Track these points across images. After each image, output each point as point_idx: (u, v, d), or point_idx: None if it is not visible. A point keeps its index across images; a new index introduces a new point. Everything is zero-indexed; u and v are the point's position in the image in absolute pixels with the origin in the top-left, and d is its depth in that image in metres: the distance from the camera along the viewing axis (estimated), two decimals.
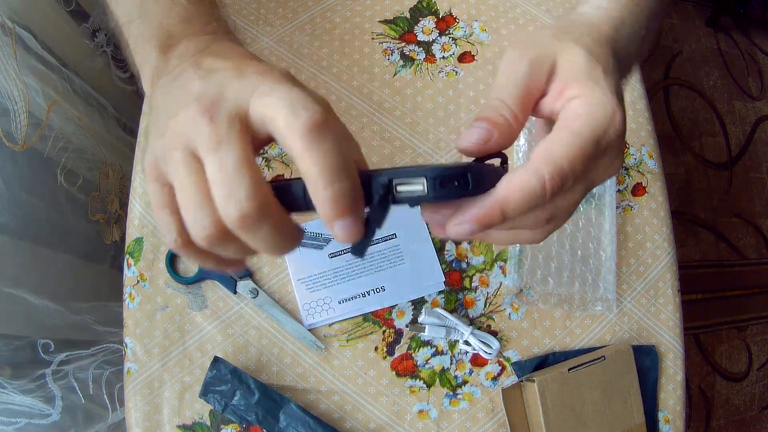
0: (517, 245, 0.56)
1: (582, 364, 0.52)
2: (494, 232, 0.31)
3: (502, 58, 0.31)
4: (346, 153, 0.25)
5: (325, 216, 0.25)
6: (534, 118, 0.33)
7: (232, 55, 0.30)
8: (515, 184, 0.26)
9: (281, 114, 0.25)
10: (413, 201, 0.26)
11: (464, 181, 0.26)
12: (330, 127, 0.25)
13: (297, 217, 0.28)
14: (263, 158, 0.57)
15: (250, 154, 0.25)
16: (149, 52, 0.33)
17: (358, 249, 0.27)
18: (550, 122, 0.33)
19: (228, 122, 0.25)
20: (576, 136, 0.27)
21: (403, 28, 0.63)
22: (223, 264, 0.30)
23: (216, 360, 0.50)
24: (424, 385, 0.54)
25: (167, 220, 0.27)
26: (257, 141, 0.27)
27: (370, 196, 0.27)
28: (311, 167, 0.25)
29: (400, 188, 0.26)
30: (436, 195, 0.26)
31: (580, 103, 0.28)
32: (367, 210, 0.27)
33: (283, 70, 0.29)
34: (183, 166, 0.26)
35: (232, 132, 0.25)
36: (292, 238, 0.27)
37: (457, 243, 0.57)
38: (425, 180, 0.26)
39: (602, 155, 0.28)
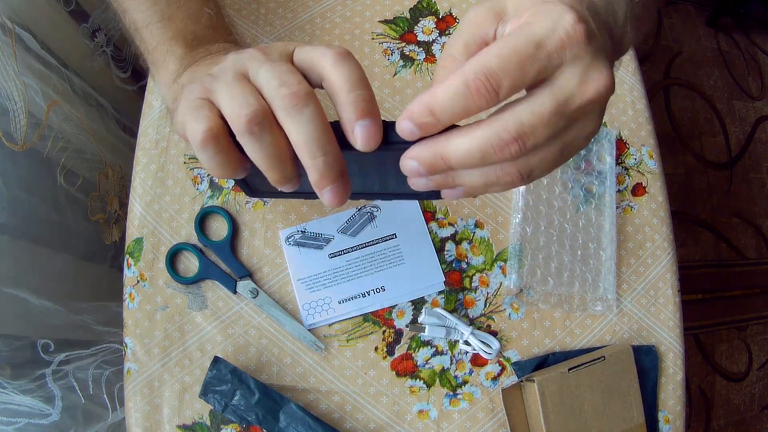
0: (518, 244, 0.56)
1: (582, 364, 0.52)
2: (464, 172, 0.31)
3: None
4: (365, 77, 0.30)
5: (349, 120, 0.29)
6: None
7: None
8: (443, 85, 0.27)
9: (318, 51, 0.31)
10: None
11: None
12: (352, 58, 0.30)
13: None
14: None
15: (296, 69, 0.30)
16: (173, 47, 0.39)
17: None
18: None
19: (278, 55, 0.31)
20: (507, 38, 0.27)
21: (403, 28, 0.63)
22: (235, 165, 0.32)
23: (216, 360, 0.50)
24: (424, 385, 0.54)
25: (202, 114, 0.30)
26: None
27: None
28: (338, 80, 0.29)
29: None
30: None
31: (522, 21, 0.28)
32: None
33: None
34: (233, 77, 0.30)
35: (282, 59, 0.31)
36: (328, 136, 0.30)
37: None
38: None
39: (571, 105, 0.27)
